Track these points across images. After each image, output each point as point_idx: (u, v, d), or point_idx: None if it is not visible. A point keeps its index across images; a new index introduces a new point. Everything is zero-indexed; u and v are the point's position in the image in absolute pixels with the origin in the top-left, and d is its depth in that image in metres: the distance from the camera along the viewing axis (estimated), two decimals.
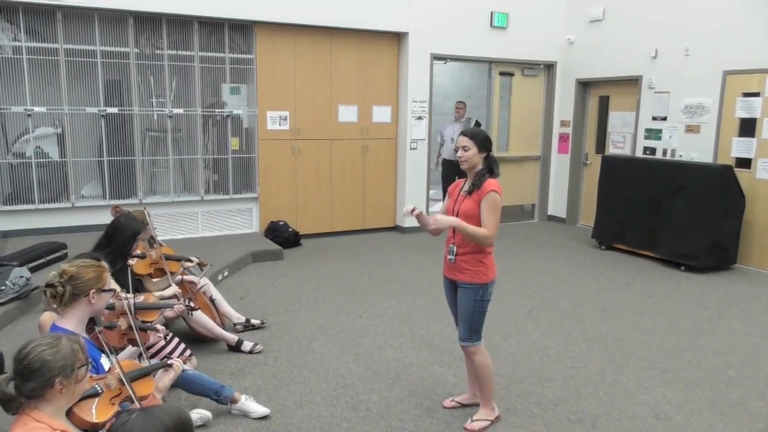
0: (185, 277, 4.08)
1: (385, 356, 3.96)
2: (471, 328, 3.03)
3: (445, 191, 4.06)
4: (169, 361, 2.22)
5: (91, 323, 2.41)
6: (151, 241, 4.08)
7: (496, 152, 8.57)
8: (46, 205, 5.92)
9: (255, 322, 4.36)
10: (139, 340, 2.44)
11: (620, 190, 6.90)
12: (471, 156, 2.98)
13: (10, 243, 5.56)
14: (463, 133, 3.07)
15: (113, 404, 1.91)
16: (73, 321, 2.26)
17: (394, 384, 3.56)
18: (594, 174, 7.70)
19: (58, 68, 5.82)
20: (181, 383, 3.01)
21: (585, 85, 8.25)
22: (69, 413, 1.80)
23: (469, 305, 3.01)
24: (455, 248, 3.02)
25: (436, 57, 7.65)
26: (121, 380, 1.97)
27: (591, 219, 7.51)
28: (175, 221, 6.65)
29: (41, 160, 5.89)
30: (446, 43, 7.61)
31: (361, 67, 7.35)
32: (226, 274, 5.62)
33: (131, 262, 3.58)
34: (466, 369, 3.34)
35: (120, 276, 3.41)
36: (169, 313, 3.11)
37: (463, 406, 3.29)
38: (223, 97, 6.71)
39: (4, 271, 4.15)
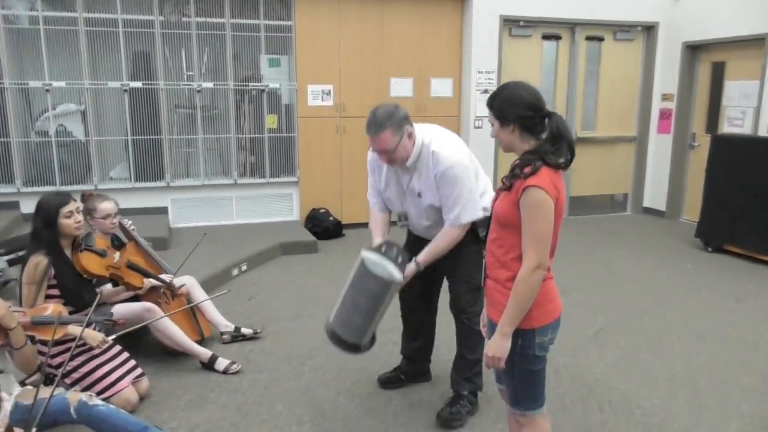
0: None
1: (387, 388, 3.08)
2: (515, 390, 1.98)
3: None
4: None
5: None
6: (126, 236, 3.46)
7: (580, 131, 7.32)
8: (69, 187, 5.53)
9: (246, 331, 3.63)
10: None
11: (736, 178, 5.47)
12: (496, 133, 1.93)
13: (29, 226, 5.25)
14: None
15: None
16: None
17: None
18: (702, 158, 6.25)
19: (78, 39, 5.40)
20: (90, 422, 2.32)
21: (694, 50, 6.76)
22: None
23: (506, 358, 1.91)
24: (485, 265, 2.01)
25: (507, 20, 6.53)
26: None
27: (696, 213, 6.11)
28: (206, 207, 6.11)
29: (64, 138, 5.53)
30: (519, 2, 6.47)
31: (417, 33, 6.40)
32: (244, 268, 4.97)
33: (86, 257, 2.93)
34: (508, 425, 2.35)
35: (65, 272, 2.80)
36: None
37: None
38: (261, 69, 6.04)
39: None
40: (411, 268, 2.57)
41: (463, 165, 2.53)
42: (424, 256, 2.61)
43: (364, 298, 2.41)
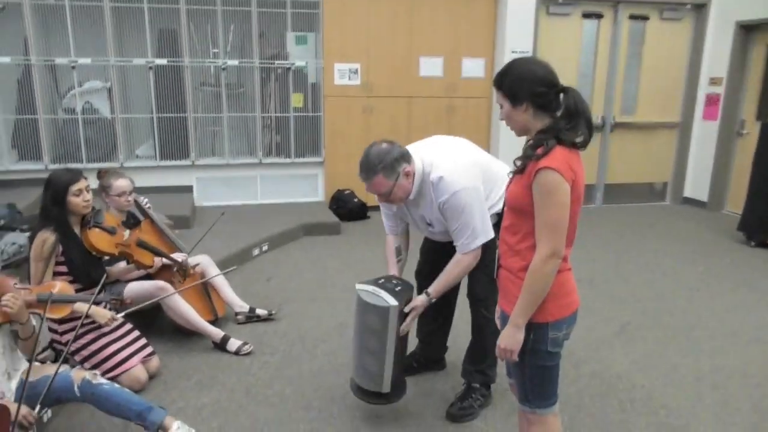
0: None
1: None
2: (524, 387, 1.87)
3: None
4: None
5: None
6: (142, 214, 3.43)
7: (619, 116, 6.96)
8: (95, 165, 5.59)
9: (261, 312, 3.59)
10: None
11: None
12: (507, 115, 1.76)
13: None
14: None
15: None
16: None
17: (395, 423, 2.60)
18: (750, 147, 5.88)
19: (103, 16, 5.40)
20: (94, 400, 2.30)
21: (748, 30, 6.34)
22: None
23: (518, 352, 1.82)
24: (498, 254, 1.89)
25: None
26: None
27: (740, 205, 5.77)
28: (230, 186, 6.10)
29: (90, 116, 5.57)
30: None
31: (449, 11, 6.19)
32: (265, 248, 4.94)
33: (94, 234, 2.91)
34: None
35: (73, 249, 2.79)
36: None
37: None
38: (288, 47, 5.95)
39: None
40: (422, 299, 2.46)
41: (471, 187, 2.33)
42: (436, 286, 2.47)
43: (368, 334, 2.38)
